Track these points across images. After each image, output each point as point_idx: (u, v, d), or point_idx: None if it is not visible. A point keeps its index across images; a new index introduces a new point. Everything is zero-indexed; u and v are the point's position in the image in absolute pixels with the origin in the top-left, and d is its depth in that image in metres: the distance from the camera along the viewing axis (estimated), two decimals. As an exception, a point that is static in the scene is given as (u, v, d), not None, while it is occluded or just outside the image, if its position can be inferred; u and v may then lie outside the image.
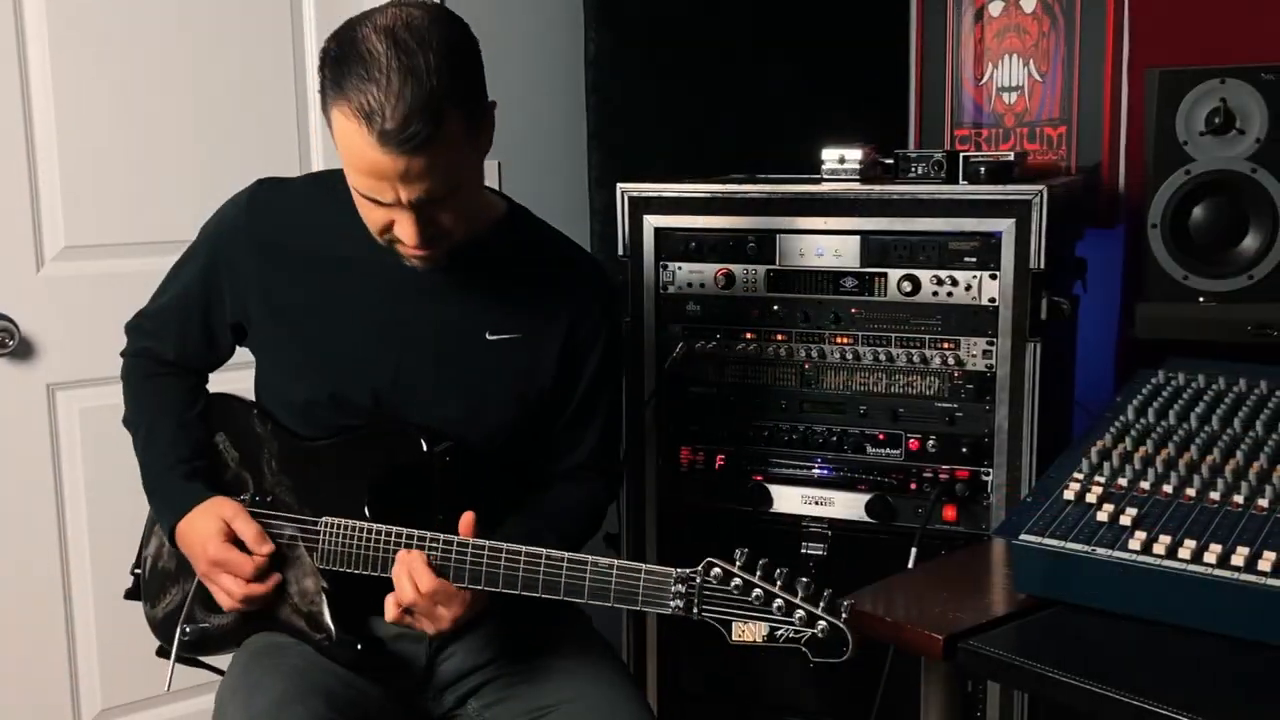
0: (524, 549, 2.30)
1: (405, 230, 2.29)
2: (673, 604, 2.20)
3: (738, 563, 2.17)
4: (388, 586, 2.37)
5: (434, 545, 2.35)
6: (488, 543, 2.33)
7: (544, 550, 2.30)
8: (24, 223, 3.33)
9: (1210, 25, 3.56)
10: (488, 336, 2.54)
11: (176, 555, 2.68)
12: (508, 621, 2.62)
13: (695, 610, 2.18)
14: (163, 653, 2.72)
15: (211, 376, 2.79)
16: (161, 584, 2.74)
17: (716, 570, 2.17)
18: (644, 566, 2.24)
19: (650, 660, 3.39)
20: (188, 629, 2.65)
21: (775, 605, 2.13)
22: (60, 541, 3.48)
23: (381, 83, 2.14)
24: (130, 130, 3.46)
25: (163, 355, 2.72)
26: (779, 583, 2.14)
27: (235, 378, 2.80)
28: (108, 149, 3.43)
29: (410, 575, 2.32)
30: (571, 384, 2.63)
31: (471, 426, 2.55)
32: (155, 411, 2.69)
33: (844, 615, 2.11)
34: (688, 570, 2.20)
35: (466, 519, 2.35)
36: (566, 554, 2.28)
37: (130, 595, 2.85)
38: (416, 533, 2.38)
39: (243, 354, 2.73)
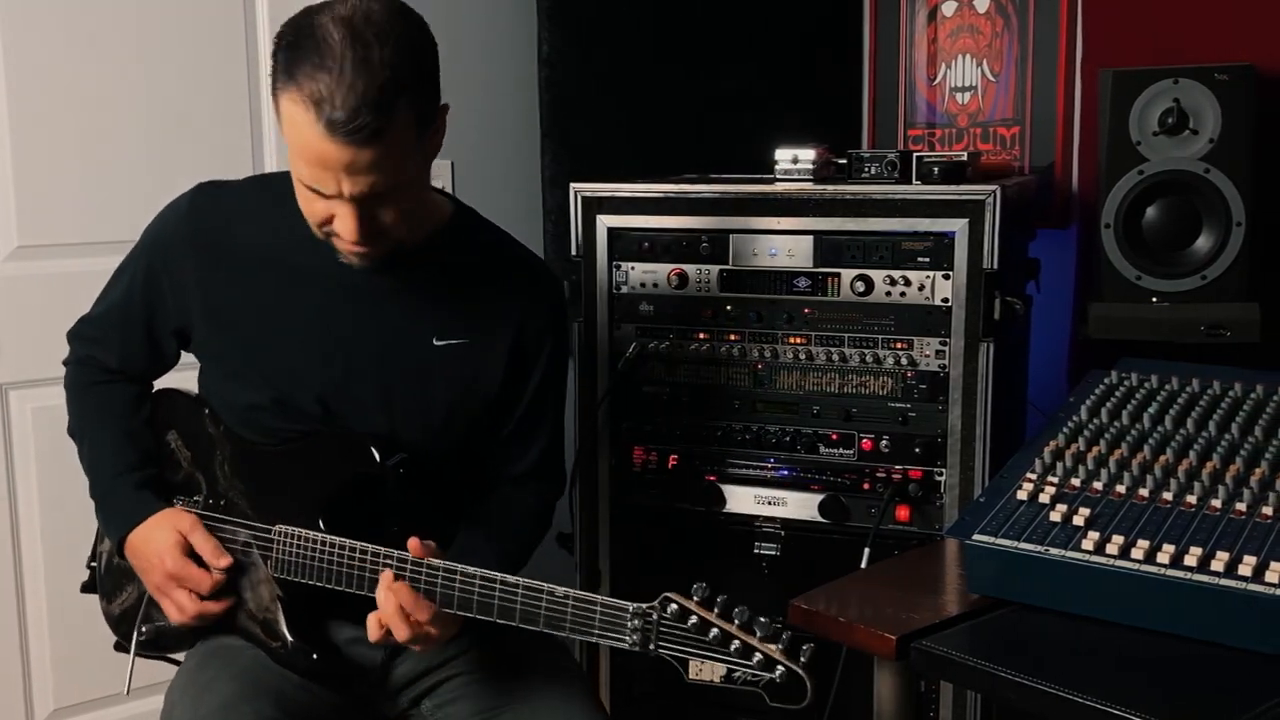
0: (479, 573, 2.27)
1: (345, 225, 2.25)
2: (630, 638, 2.16)
3: (695, 599, 2.12)
4: (344, 595, 2.37)
5: (401, 566, 2.31)
6: (442, 564, 2.29)
7: (499, 575, 2.26)
8: (-24, 223, 3.31)
9: (1163, 26, 3.57)
10: (435, 342, 2.50)
11: None
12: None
13: (652, 647, 2.14)
14: (120, 647, 2.70)
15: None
16: (118, 580, 2.70)
17: (674, 606, 2.11)
18: (599, 599, 2.20)
19: (603, 659, 3.37)
20: (144, 629, 2.63)
21: (733, 646, 2.08)
22: (13, 541, 3.46)
23: (334, 71, 2.11)
24: (83, 130, 3.43)
25: (106, 363, 2.68)
26: (737, 622, 2.09)
27: (183, 379, 2.77)
28: (61, 149, 3.40)
29: (403, 608, 2.28)
30: (519, 389, 2.60)
31: (419, 433, 2.52)
32: (100, 420, 2.65)
33: (803, 659, 2.08)
34: (644, 605, 2.15)
35: (414, 544, 2.31)
36: (522, 580, 2.25)
37: (87, 588, 2.80)
38: (370, 548, 2.35)
39: (189, 355, 2.70)
